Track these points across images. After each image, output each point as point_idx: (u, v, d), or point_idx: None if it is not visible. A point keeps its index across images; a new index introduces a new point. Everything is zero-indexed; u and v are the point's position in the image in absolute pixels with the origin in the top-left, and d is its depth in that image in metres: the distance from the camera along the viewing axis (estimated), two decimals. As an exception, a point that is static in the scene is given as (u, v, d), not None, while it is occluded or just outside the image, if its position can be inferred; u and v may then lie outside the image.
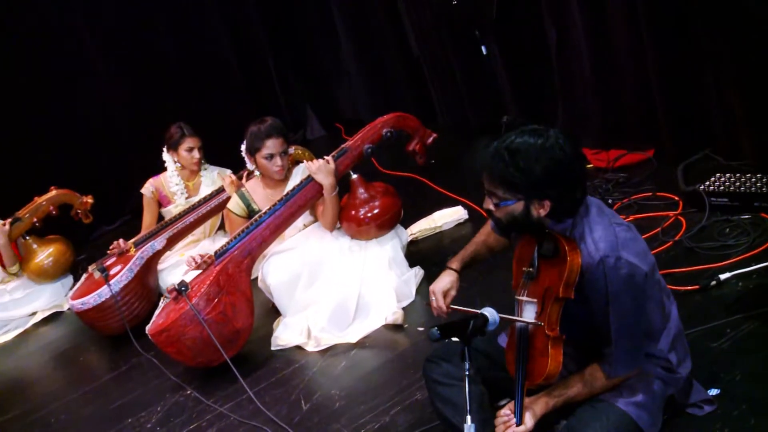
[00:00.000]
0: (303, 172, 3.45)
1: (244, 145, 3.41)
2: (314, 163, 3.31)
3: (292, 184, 3.41)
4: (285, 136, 3.38)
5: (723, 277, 2.68)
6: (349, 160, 3.41)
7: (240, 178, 3.84)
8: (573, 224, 1.96)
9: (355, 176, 3.46)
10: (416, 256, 3.61)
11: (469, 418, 1.78)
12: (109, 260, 3.86)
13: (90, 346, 3.92)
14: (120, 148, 5.67)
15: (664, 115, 3.68)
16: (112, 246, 3.90)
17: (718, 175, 3.24)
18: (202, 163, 4.16)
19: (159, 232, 3.91)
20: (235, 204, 3.51)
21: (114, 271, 3.72)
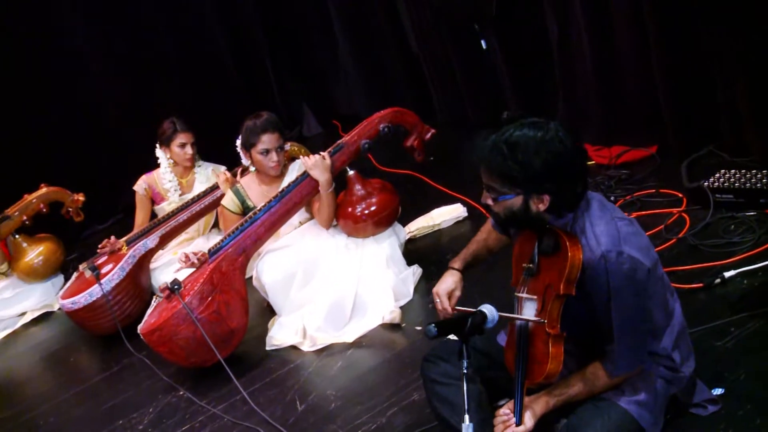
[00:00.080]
0: (299, 169, 3.44)
1: (239, 140, 3.41)
2: (310, 158, 3.30)
3: (288, 180, 3.40)
4: (281, 131, 3.38)
5: (728, 274, 2.68)
6: (345, 156, 3.41)
7: (234, 175, 3.83)
8: (574, 219, 1.95)
9: (351, 172, 3.45)
10: (414, 255, 3.60)
11: (467, 418, 1.77)
12: (101, 259, 3.84)
13: (81, 346, 3.91)
14: (112, 144, 5.65)
15: (668, 111, 3.68)
16: (103, 244, 3.88)
17: (723, 172, 3.23)
18: (196, 160, 4.15)
19: (152, 230, 3.89)
20: (229, 200, 3.50)
21: (105, 269, 3.70)
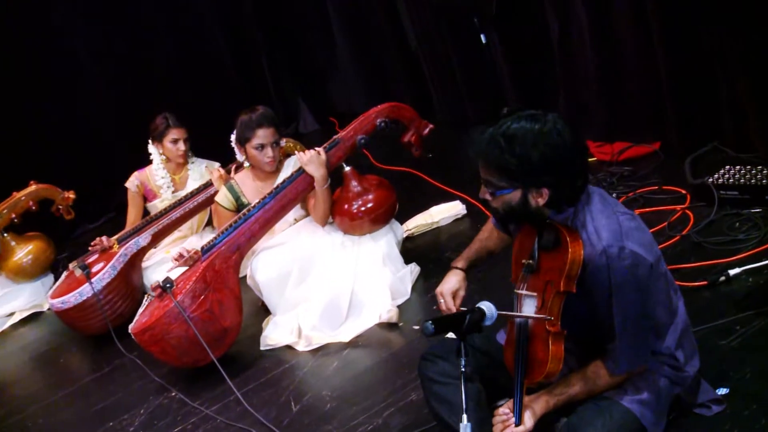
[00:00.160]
0: (294, 165, 3.44)
1: (234, 135, 3.40)
2: (305, 154, 3.29)
3: (283, 176, 3.39)
4: (276, 125, 3.37)
5: (732, 272, 2.67)
6: (341, 151, 3.39)
7: (228, 172, 3.82)
8: (574, 213, 1.93)
9: (347, 168, 3.45)
10: (412, 253, 3.60)
11: (465, 417, 1.76)
12: (91, 257, 3.83)
13: (71, 347, 3.90)
14: (104, 141, 5.65)
15: (671, 107, 3.68)
16: (94, 242, 3.87)
17: (728, 168, 3.23)
18: (189, 156, 4.14)
19: (144, 228, 3.88)
20: (223, 197, 3.49)
21: (96, 268, 3.69)
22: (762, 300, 2.49)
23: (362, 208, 3.37)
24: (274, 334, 3.25)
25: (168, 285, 3.04)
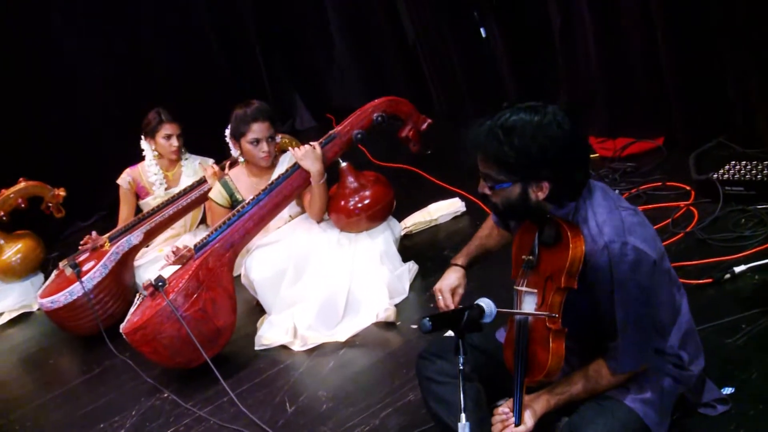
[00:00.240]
0: (290, 160, 3.43)
1: (229, 130, 3.39)
2: (300, 149, 3.28)
3: (278, 172, 3.39)
4: (272, 120, 3.36)
5: (738, 269, 2.66)
6: (337, 147, 3.39)
7: (222, 168, 3.81)
8: (575, 208, 1.92)
9: (344, 164, 3.43)
10: (410, 251, 3.59)
11: (464, 417, 1.75)
12: (82, 256, 3.82)
13: (61, 348, 3.89)
14: (96, 137, 5.64)
15: (675, 101, 3.67)
16: (84, 240, 3.86)
17: (733, 163, 3.23)
18: (183, 152, 4.13)
19: (136, 226, 3.87)
20: (217, 193, 3.48)
21: (87, 267, 3.68)
22: (768, 298, 2.49)
23: (359, 205, 3.36)
24: (269, 334, 3.24)
25: (160, 283, 3.03)
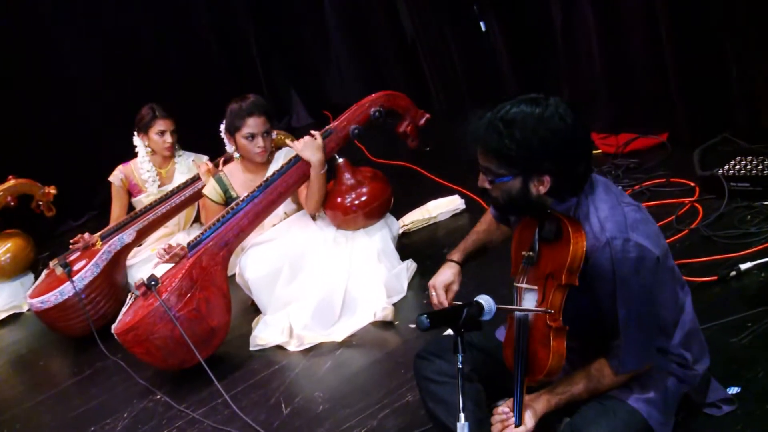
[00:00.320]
0: (285, 156, 3.42)
1: (224, 125, 3.38)
2: (299, 141, 3.28)
3: (274, 169, 3.38)
4: (268, 114, 3.36)
5: (744, 267, 2.66)
6: (334, 142, 3.38)
7: (216, 165, 3.80)
8: (577, 204, 1.91)
9: (341, 160, 3.43)
10: (409, 249, 3.59)
11: (463, 416, 1.73)
12: (73, 255, 3.80)
13: (51, 349, 3.89)
14: (88, 134, 5.62)
15: (679, 96, 3.67)
16: (75, 239, 3.84)
17: (739, 159, 3.23)
18: (176, 149, 4.12)
19: (128, 224, 3.86)
20: (211, 189, 3.48)
21: (78, 266, 3.67)
22: (775, 296, 2.48)
23: (356, 202, 3.36)
24: (264, 334, 3.24)
25: (153, 282, 3.02)
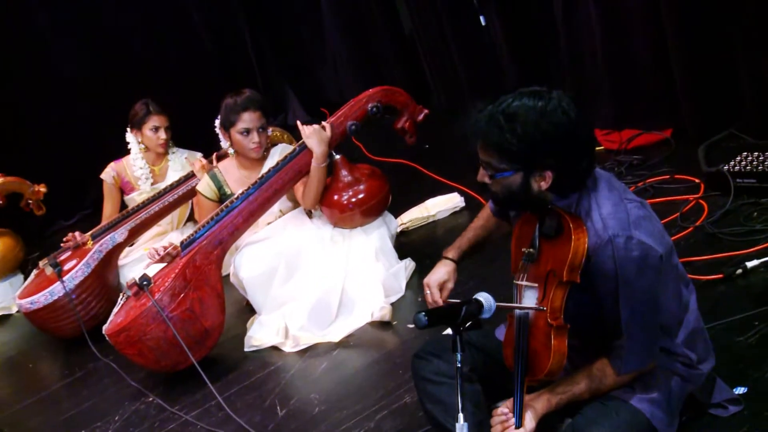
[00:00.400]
0: (281, 153, 3.42)
1: (219, 120, 3.38)
2: (308, 127, 3.28)
3: (269, 165, 3.37)
4: (264, 109, 3.36)
5: (750, 264, 2.66)
6: (331, 138, 3.36)
7: (211, 162, 3.79)
8: (578, 200, 1.91)
9: (337, 157, 3.42)
10: (407, 248, 3.59)
11: (461, 417, 1.73)
12: (63, 254, 3.80)
13: (41, 351, 3.88)
14: (80, 131, 5.60)
15: (684, 91, 3.66)
16: (66, 238, 3.84)
17: (745, 154, 3.22)
18: (170, 146, 4.11)
19: (120, 223, 3.85)
20: (205, 185, 3.47)
21: (68, 266, 3.66)
22: (781, 294, 2.48)
23: (353, 199, 3.35)
24: (259, 335, 3.23)
25: (145, 282, 3.02)
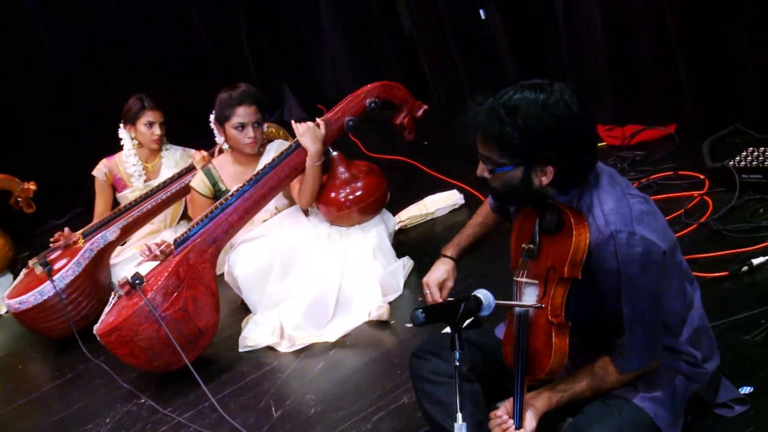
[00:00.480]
0: (277, 149, 3.42)
1: (213, 115, 3.39)
2: (302, 125, 3.27)
3: (265, 162, 3.37)
4: (259, 104, 3.35)
5: (756, 261, 2.65)
6: (328, 134, 3.36)
7: (212, 155, 3.79)
8: (580, 195, 1.90)
9: (335, 153, 3.42)
10: (405, 246, 3.59)
11: (460, 417, 1.72)
12: (54, 253, 3.79)
13: (30, 352, 3.88)
14: (71, 127, 5.60)
15: (688, 85, 3.66)
16: (56, 237, 3.83)
17: (751, 150, 3.22)
18: (164, 142, 4.10)
19: (112, 221, 3.84)
20: (199, 181, 3.47)
21: (59, 265, 3.65)
22: (788, 291, 2.48)
23: (350, 197, 3.35)
24: (253, 335, 3.23)
25: (137, 281, 3.01)
